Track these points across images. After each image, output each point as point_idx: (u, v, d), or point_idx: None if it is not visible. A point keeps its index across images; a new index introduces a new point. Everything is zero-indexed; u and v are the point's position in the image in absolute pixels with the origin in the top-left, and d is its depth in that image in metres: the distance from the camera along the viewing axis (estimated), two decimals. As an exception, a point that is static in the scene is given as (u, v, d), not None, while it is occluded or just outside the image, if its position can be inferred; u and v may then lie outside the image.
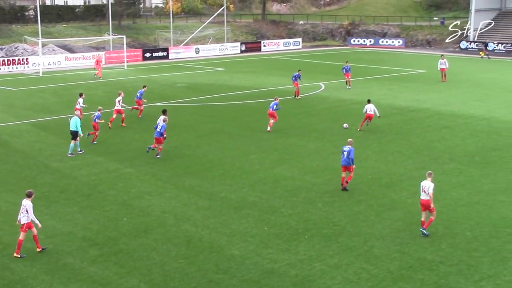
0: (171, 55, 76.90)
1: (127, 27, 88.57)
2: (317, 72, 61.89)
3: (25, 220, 19.17)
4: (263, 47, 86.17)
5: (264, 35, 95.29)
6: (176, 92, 49.56)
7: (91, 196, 24.65)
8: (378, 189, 25.42)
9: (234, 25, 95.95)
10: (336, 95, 47.61)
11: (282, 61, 74.12)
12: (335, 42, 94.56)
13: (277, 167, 28.60)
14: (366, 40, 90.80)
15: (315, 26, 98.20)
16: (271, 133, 35.09)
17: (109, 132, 35.63)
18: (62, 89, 52.23)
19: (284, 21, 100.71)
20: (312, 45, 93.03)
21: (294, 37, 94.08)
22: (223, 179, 26.87)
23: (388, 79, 56.65)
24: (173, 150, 31.80)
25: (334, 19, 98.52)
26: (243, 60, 75.18)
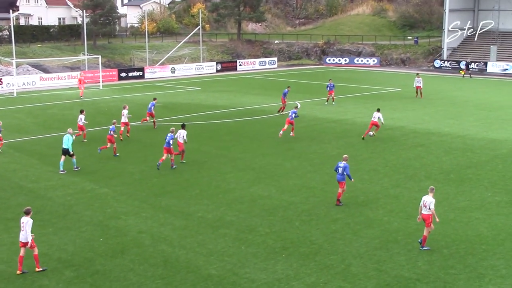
0: (147, 74, 76.80)
1: (102, 47, 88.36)
2: (292, 91, 61.95)
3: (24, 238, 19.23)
4: (239, 67, 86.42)
5: (240, 55, 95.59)
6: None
7: (67, 217, 24.45)
8: (354, 207, 25.52)
9: (210, 45, 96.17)
10: (312, 114, 47.82)
11: (258, 80, 74.35)
12: (311, 61, 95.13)
13: (254, 186, 28.61)
14: (341, 59, 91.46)
15: (290, 46, 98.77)
16: (247, 152, 35.10)
17: (85, 152, 35.41)
18: (37, 109, 51.89)
19: (260, 40, 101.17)
20: (287, 64, 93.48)
21: (269, 56, 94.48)
22: (200, 198, 26.80)
23: (364, 98, 57.07)
24: (149, 170, 31.68)
25: (310, 39, 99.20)
26: (219, 79, 75.31)
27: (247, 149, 35.80)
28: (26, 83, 66.75)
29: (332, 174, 30.47)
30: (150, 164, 32.71)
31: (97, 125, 44.04)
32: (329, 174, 30.61)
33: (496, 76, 76.03)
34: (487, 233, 22.61)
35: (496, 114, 47.98)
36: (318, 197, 26.92)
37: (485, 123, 44.00)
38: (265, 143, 37.26)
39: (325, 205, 25.75)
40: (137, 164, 32.86)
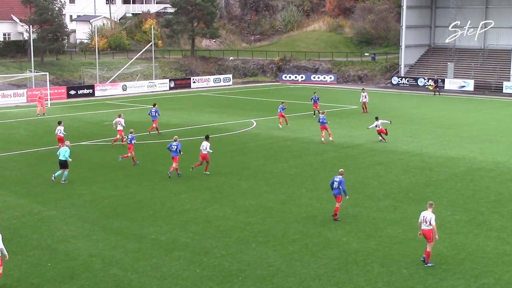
0: (97, 92, 76.23)
1: (50, 63, 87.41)
2: (248, 108, 62.33)
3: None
4: (192, 84, 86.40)
5: (194, 72, 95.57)
6: (103, 131, 49.03)
7: (13, 241, 23.99)
8: (313, 227, 25.62)
9: (163, 61, 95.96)
10: (268, 132, 47.99)
11: (212, 97, 74.38)
12: (267, 78, 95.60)
13: (209, 207, 28.53)
14: (297, 76, 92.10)
15: (245, 62, 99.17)
16: (202, 172, 34.96)
17: (31, 173, 34.90)
18: (-19, 128, 51.01)
19: (214, 57, 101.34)
20: (243, 81, 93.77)
21: (224, 73, 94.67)
22: (153, 220, 26.61)
23: (321, 116, 57.42)
24: (100, 190, 31.35)
25: (265, 55, 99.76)
26: (173, 97, 75.13)
27: (202, 168, 35.66)
28: (-30, 101, 65.68)
29: (289, 194, 30.66)
30: (101, 184, 32.38)
31: (45, 144, 43.45)
32: (286, 194, 30.74)
33: (454, 93, 77.45)
34: (446, 252, 22.90)
35: (454, 131, 48.83)
36: (275, 217, 26.95)
37: (443, 141, 44.72)
38: (220, 162, 37.22)
39: (282, 225, 25.79)
40: (87, 184, 32.50)
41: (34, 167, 36.76)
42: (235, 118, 54.70)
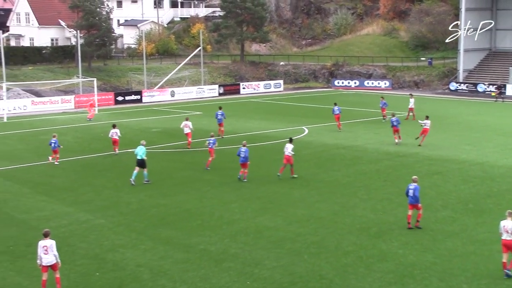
0: (145, 98, 77.12)
1: (97, 69, 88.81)
2: (299, 115, 62.29)
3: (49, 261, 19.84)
4: (242, 90, 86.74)
5: (243, 77, 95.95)
6: (150, 138, 49.54)
7: (61, 250, 24.29)
8: (367, 239, 25.45)
9: (211, 67, 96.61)
10: (320, 140, 47.88)
11: (262, 104, 74.56)
12: (318, 84, 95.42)
13: (260, 217, 28.58)
14: (350, 82, 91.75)
15: (297, 67, 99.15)
16: (253, 180, 35.07)
17: (78, 181, 35.49)
18: (29, 135, 52.08)
19: (264, 62, 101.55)
20: (294, 87, 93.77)
21: (275, 78, 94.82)
22: (201, 230, 26.77)
23: (375, 123, 57.13)
24: (148, 199, 31.70)
25: (317, 60, 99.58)
26: (221, 103, 75.38)
27: (252, 177, 35.78)
28: (17, 108, 67.11)
29: (342, 204, 30.54)
30: (149, 193, 32.74)
31: (92, 151, 44.14)
32: (339, 203, 30.62)
33: (516, 99, 76.10)
34: (509, 266, 22.49)
35: (516, 139, 47.97)
36: (328, 228, 26.87)
37: (505, 150, 43.97)
38: (270, 171, 37.26)
39: (335, 236, 25.69)
40: (134, 193, 32.89)
41: (81, 174, 37.38)
42: (286, 125, 54.70)
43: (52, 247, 20.01)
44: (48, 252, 19.96)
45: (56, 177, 36.70)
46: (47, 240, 20.04)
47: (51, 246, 20.01)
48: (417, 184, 26.64)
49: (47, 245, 19.98)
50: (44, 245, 20.00)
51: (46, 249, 19.96)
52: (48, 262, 20.02)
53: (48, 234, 20.23)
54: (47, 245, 19.97)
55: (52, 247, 20.01)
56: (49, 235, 20.21)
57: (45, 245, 19.99)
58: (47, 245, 19.97)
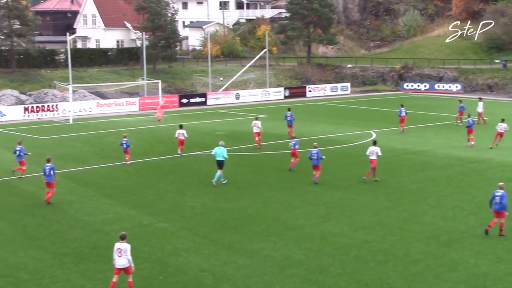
0: (210, 101, 77.75)
1: (162, 71, 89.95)
2: (367, 119, 61.84)
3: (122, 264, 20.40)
4: (308, 92, 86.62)
5: (310, 80, 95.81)
6: (215, 141, 49.75)
7: (124, 253, 24.74)
8: (436, 247, 25.05)
9: (277, 69, 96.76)
10: (388, 145, 47.36)
11: (329, 107, 74.29)
12: (387, 87, 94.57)
13: (325, 223, 28.45)
14: (420, 85, 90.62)
15: (364, 70, 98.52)
16: (318, 185, 34.96)
17: (141, 184, 35.96)
18: (94, 137, 53.04)
19: (331, 64, 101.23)
20: (361, 90, 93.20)
21: (342, 81, 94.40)
22: (265, 235, 26.78)
23: (446, 127, 56.29)
24: (211, 203, 31.89)
25: (385, 62, 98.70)
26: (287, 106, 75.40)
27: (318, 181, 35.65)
28: (83, 110, 68.48)
29: (411, 210, 30.15)
30: (212, 197, 32.93)
31: (156, 154, 44.69)
32: (408, 210, 30.24)
33: None
34: None
35: None
36: (396, 235, 26.56)
37: None
38: (336, 175, 37.07)
39: (403, 244, 25.36)
40: (198, 196, 33.14)
41: (144, 177, 37.87)
42: (353, 129, 54.35)
43: (127, 250, 20.41)
44: (122, 255, 20.39)
45: (120, 179, 37.28)
46: (123, 243, 20.48)
47: (126, 250, 20.42)
48: (503, 191, 26.07)
49: (121, 248, 20.43)
50: (119, 248, 20.48)
51: (120, 251, 20.42)
52: (120, 265, 20.45)
53: (125, 237, 20.63)
54: (122, 248, 20.43)
55: (127, 250, 20.41)
56: (125, 238, 20.61)
57: (120, 247, 20.45)
58: (122, 248, 20.43)
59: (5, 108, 65.52)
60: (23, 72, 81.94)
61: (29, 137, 53.01)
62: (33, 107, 66.01)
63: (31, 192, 34.49)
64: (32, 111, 65.46)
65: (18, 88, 76.63)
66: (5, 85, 77.10)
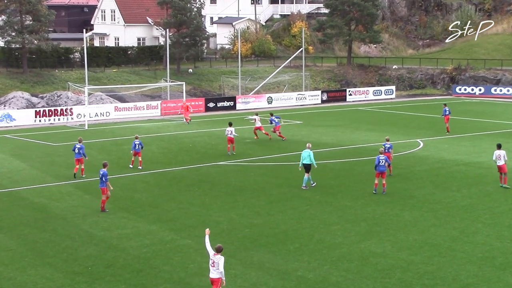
0: (239, 105, 77.91)
1: (187, 72, 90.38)
2: (414, 126, 61.55)
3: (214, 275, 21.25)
4: (348, 96, 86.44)
5: (350, 82, 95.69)
6: (244, 149, 50.04)
7: (142, 272, 24.91)
8: (490, 270, 24.88)
9: (314, 70, 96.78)
10: (438, 155, 47.14)
11: (372, 112, 74.07)
12: (437, 91, 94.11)
13: (365, 241, 28.37)
14: (474, 88, 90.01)
15: (412, 72, 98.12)
16: (358, 200, 34.90)
17: (163, 196, 36.15)
18: (111, 144, 53.41)
19: (374, 65, 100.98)
20: (408, 94, 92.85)
21: (386, 84, 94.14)
22: (299, 254, 26.79)
23: (504, 136, 55.75)
24: (240, 218, 31.96)
25: (436, 63, 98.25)
26: (325, 111, 75.47)
27: (357, 195, 35.57)
28: (99, 114, 68.97)
29: (461, 229, 29.96)
30: (241, 211, 33.00)
31: (179, 164, 44.89)
32: (458, 229, 30.06)
33: None
34: None
35: None
36: (444, 256, 26.41)
37: None
38: (379, 189, 36.94)
39: (453, 266, 25.22)
40: (225, 211, 33.23)
41: (166, 189, 38.05)
42: (398, 138, 54.11)
43: (219, 263, 21.12)
44: (215, 267, 21.17)
45: (139, 191, 37.51)
46: (217, 256, 21.19)
47: (218, 262, 21.14)
48: None
49: (215, 260, 21.16)
50: (212, 260, 21.24)
51: (212, 263, 21.21)
52: (212, 276, 21.30)
53: (221, 250, 21.29)
54: (215, 260, 21.16)
55: (219, 263, 21.12)
56: (221, 251, 21.27)
57: (214, 260, 21.20)
58: (215, 260, 21.16)
59: (15, 112, 66.21)
60: (34, 73, 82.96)
61: (40, 143, 53.64)
62: (45, 111, 66.68)
63: (41, 204, 34.84)
64: (44, 115, 66.13)
65: (29, 90, 77.56)
66: (15, 86, 78.10)
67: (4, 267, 25.38)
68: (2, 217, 32.21)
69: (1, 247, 27.82)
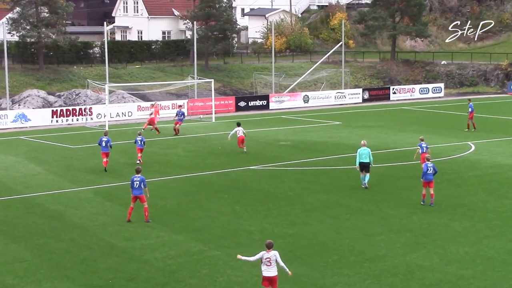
0: (272, 104, 77.84)
1: (216, 68, 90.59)
2: (465, 127, 61.12)
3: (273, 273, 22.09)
4: (392, 95, 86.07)
5: (394, 79, 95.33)
6: (278, 153, 49.99)
7: (167, 286, 24.96)
8: (550, 287, 24.65)
9: (355, 66, 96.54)
10: (491, 159, 46.77)
11: (418, 112, 73.71)
12: (490, 89, 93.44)
13: (411, 253, 28.22)
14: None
15: (462, 68, 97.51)
16: (403, 208, 34.70)
17: (189, 203, 36.18)
18: (134, 147, 53.41)
19: (421, 60, 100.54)
20: (458, 92, 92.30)
21: (434, 81, 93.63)
22: (338, 267, 26.70)
23: None
24: (273, 228, 31.91)
25: (489, 58, 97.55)
26: (366, 111, 75.20)
27: (402, 203, 35.38)
28: (121, 114, 69.26)
29: (519, 241, 29.71)
30: (274, 220, 32.95)
31: (208, 168, 44.93)
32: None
33: None
34: None
35: None
36: (499, 271, 26.20)
37: None
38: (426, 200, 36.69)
39: (509, 282, 25.00)
40: (256, 219, 33.19)
41: (193, 196, 38.07)
42: (447, 140, 53.78)
43: (276, 258, 22.09)
44: (272, 264, 21.89)
45: (163, 198, 37.57)
46: (271, 252, 21.92)
47: (275, 258, 21.98)
48: None
49: (270, 257, 21.83)
50: (267, 257, 21.87)
51: (268, 261, 21.85)
52: (270, 274, 21.99)
53: (272, 244, 22.25)
54: (270, 258, 21.83)
55: (276, 258, 22.09)
56: (272, 247, 22.20)
57: (268, 257, 21.82)
58: (270, 258, 21.83)
59: (30, 112, 66.70)
60: (51, 69, 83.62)
61: (57, 146, 53.95)
62: (62, 110, 67.10)
63: (58, 211, 35.03)
64: (62, 115, 66.55)
65: (45, 88, 78.17)
66: (31, 84, 78.75)
67: (18, 280, 25.55)
68: (16, 225, 32.42)
69: (15, 258, 28.01)
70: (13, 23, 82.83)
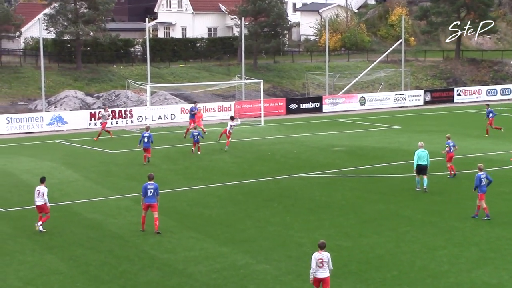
0: (326, 106, 77.64)
1: (265, 67, 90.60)
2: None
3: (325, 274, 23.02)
4: (456, 97, 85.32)
5: (459, 80, 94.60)
6: (332, 159, 49.83)
7: (211, 302, 24.97)
8: None
9: (416, 66, 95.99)
10: None
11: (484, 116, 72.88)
12: None
13: (477, 269, 27.93)
14: None
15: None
16: (468, 220, 34.34)
17: (236, 213, 36.16)
18: (177, 152, 53.70)
19: (488, 59, 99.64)
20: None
21: (503, 82, 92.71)
22: (397, 283, 26.53)
23: None
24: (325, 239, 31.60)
25: None
26: (428, 114, 74.70)
27: (467, 215, 35.02)
28: (163, 116, 69.48)
29: None
30: (327, 231, 32.81)
31: (257, 175, 44.89)
32: None
33: None
34: None
35: None
36: None
37: None
38: (494, 207, 36.24)
39: None
40: (307, 231, 33.09)
41: (241, 205, 38.07)
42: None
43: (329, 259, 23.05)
44: (324, 266, 22.71)
45: (209, 207, 37.61)
46: (323, 252, 22.64)
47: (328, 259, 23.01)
48: None
49: (323, 258, 22.54)
50: (320, 258, 22.57)
51: (321, 262, 22.48)
52: (322, 275, 22.98)
53: (324, 245, 23.29)
54: (323, 259, 22.55)
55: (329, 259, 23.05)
56: (324, 247, 23.21)
57: (321, 258, 22.54)
58: (323, 259, 22.55)
59: (67, 114, 67.16)
60: (89, 68, 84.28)
61: (95, 150, 54.29)
62: (101, 112, 67.43)
63: (96, 221, 35.24)
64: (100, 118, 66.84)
65: (83, 88, 78.78)
66: (68, 84, 79.43)
67: (53, 293, 25.76)
68: (52, 235, 32.66)
69: (51, 269, 28.23)
70: (50, 19, 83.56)
